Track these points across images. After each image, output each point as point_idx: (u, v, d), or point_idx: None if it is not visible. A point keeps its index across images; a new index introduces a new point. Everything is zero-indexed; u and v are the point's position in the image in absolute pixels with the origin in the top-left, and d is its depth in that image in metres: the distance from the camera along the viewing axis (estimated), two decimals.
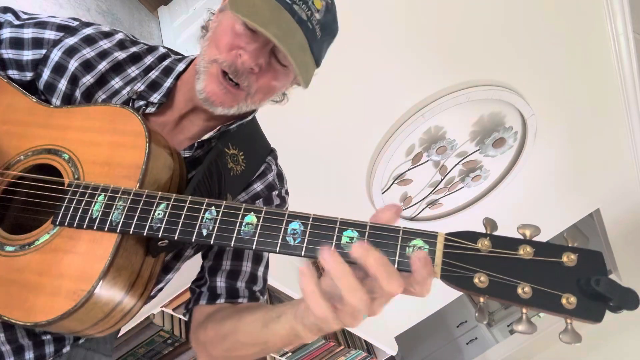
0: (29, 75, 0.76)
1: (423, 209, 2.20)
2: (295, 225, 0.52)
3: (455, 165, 2.05)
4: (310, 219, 0.52)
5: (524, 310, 0.45)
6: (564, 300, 0.42)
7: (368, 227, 0.50)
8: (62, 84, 0.75)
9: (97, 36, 0.78)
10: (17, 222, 0.68)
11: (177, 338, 1.88)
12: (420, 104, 1.80)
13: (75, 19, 0.80)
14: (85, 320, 0.59)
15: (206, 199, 0.58)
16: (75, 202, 0.62)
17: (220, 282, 0.78)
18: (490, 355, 3.80)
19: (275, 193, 0.86)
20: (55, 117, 0.71)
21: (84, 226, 0.60)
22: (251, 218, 0.55)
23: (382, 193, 2.03)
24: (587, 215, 2.53)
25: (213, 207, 0.57)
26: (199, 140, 0.78)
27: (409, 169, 2.00)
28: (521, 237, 0.46)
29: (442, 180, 2.09)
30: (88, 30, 0.78)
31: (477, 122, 1.94)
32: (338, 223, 0.51)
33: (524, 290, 0.43)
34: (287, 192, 0.90)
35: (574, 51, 1.79)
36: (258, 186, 0.85)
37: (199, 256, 0.88)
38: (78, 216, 0.61)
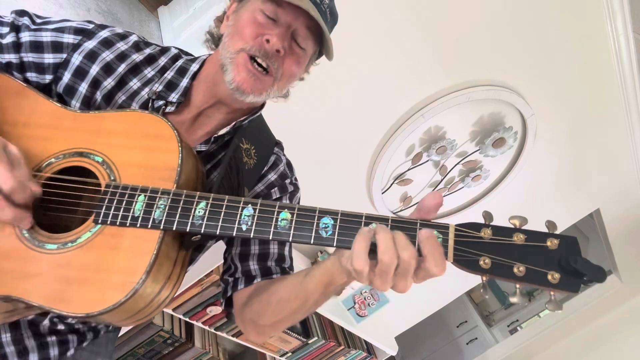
0: (48, 78, 0.77)
1: None
2: (327, 220, 0.60)
3: (455, 165, 2.05)
4: (339, 214, 0.59)
5: (518, 286, 0.55)
6: (549, 277, 0.52)
7: (390, 221, 0.58)
8: (83, 87, 0.77)
9: (113, 39, 0.80)
10: (48, 222, 0.70)
11: (177, 338, 1.88)
12: (420, 104, 1.80)
13: (90, 22, 0.81)
14: (130, 310, 0.63)
15: (243, 198, 0.64)
16: (116, 202, 0.66)
17: (253, 265, 0.83)
18: (490, 355, 3.80)
19: (287, 181, 0.91)
20: (84, 121, 0.73)
21: (127, 224, 0.64)
22: (285, 214, 0.61)
23: (382, 193, 2.03)
24: (587, 215, 2.53)
25: (250, 205, 0.63)
26: (215, 135, 0.82)
27: (409, 169, 2.00)
28: (513, 227, 0.57)
29: (442, 180, 2.09)
30: (105, 33, 0.80)
31: (477, 122, 1.94)
32: (364, 217, 0.59)
33: (519, 269, 0.53)
34: (296, 179, 0.95)
35: (574, 51, 1.79)
36: (272, 176, 0.89)
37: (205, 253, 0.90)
38: (120, 215, 0.65)
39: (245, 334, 0.83)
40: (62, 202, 0.70)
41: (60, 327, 0.81)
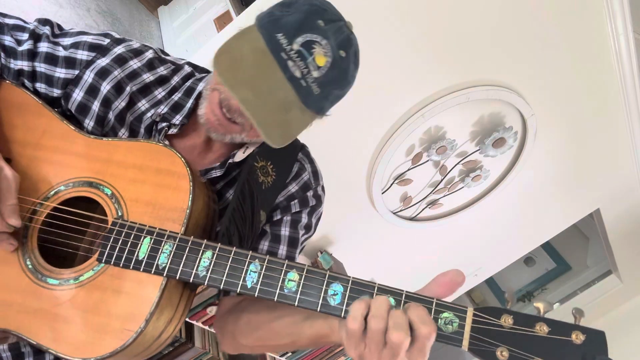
0: (56, 92, 0.75)
1: (423, 209, 2.20)
2: (336, 287, 0.56)
3: (455, 165, 2.05)
4: (350, 282, 0.56)
5: None
6: None
7: (404, 296, 0.54)
8: (96, 106, 0.75)
9: (127, 55, 0.78)
10: (52, 253, 0.68)
11: (177, 338, 1.88)
12: (420, 104, 1.80)
13: (106, 36, 0.79)
14: (128, 354, 0.61)
15: (250, 252, 0.60)
16: (121, 243, 0.63)
17: None
18: None
19: (310, 193, 0.86)
20: (96, 148, 0.71)
21: (130, 267, 0.62)
22: (293, 275, 0.58)
23: (382, 193, 2.03)
24: (587, 215, 2.53)
25: (257, 260, 0.60)
26: (230, 161, 0.78)
27: (409, 169, 2.00)
28: (537, 314, 0.52)
29: (442, 180, 2.09)
30: (119, 50, 0.78)
31: (477, 122, 1.94)
32: (376, 288, 0.55)
33: None
34: (323, 189, 0.90)
35: (574, 51, 1.79)
36: (293, 187, 0.85)
37: None
38: (124, 257, 0.62)
39: (220, 341, 0.80)
40: (66, 235, 0.69)
41: None
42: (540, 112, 1.92)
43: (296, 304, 0.56)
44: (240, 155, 0.79)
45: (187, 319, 1.81)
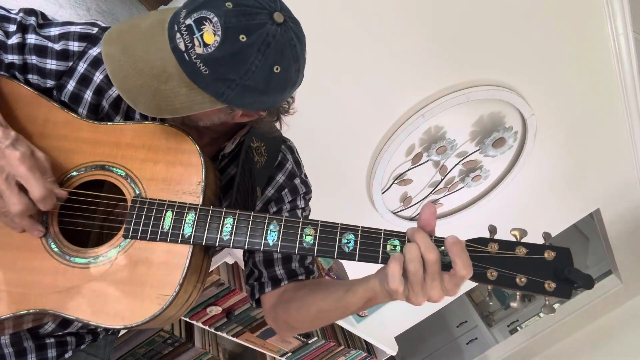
0: (50, 83, 0.76)
1: None
2: (349, 236, 0.64)
3: (455, 165, 2.05)
4: (360, 230, 0.64)
5: (519, 293, 0.63)
6: (546, 286, 0.60)
7: (407, 237, 0.63)
8: (88, 95, 0.77)
9: None
10: (70, 234, 0.70)
11: (177, 338, 1.88)
12: (420, 104, 1.80)
13: (94, 25, 0.80)
14: (163, 318, 0.66)
15: (267, 215, 0.66)
16: (145, 218, 0.67)
17: (279, 270, 0.85)
18: (490, 355, 3.80)
19: (297, 181, 0.91)
20: (103, 133, 0.73)
21: (157, 239, 0.66)
22: (309, 230, 0.65)
23: (382, 193, 2.03)
24: (587, 215, 2.53)
25: (275, 221, 0.66)
26: (222, 153, 0.82)
27: (409, 169, 2.00)
28: (514, 239, 0.63)
29: (442, 180, 2.09)
30: None
31: (477, 122, 1.94)
32: (383, 233, 0.64)
33: (521, 280, 0.61)
34: (306, 176, 0.94)
35: (574, 51, 1.79)
36: (280, 177, 0.89)
37: None
38: (149, 230, 0.67)
39: (277, 331, 0.87)
40: (86, 216, 0.71)
41: (60, 331, 0.81)
42: (540, 112, 1.92)
43: (315, 254, 0.64)
44: (229, 147, 0.82)
45: (187, 319, 1.81)
